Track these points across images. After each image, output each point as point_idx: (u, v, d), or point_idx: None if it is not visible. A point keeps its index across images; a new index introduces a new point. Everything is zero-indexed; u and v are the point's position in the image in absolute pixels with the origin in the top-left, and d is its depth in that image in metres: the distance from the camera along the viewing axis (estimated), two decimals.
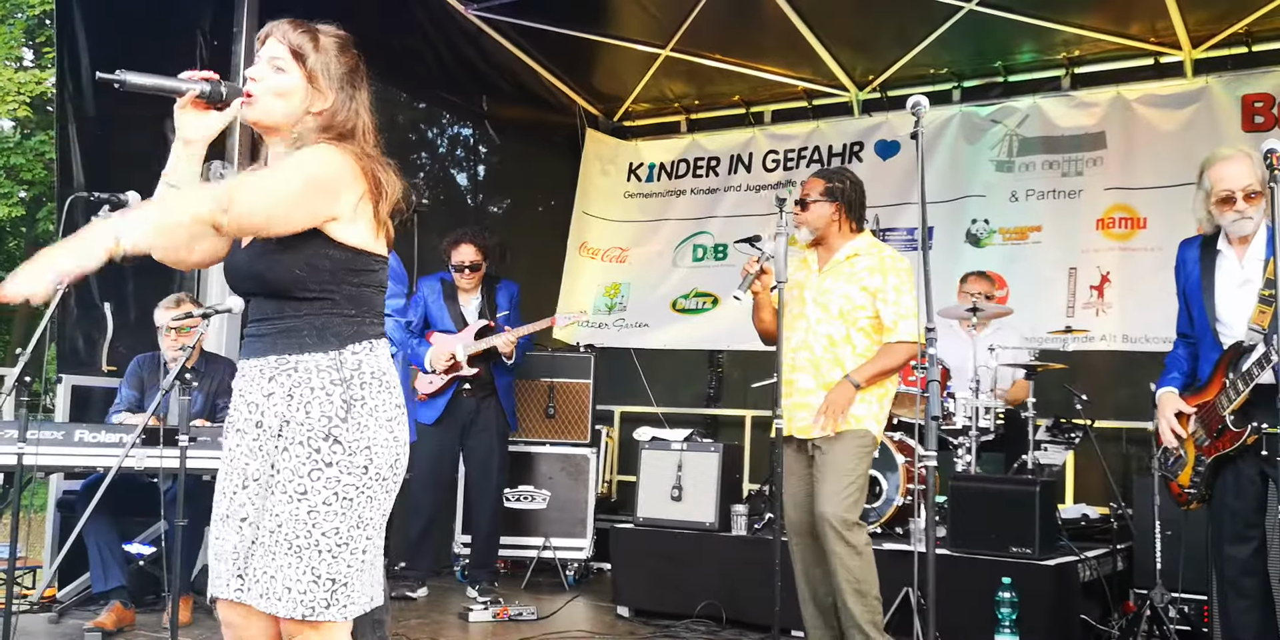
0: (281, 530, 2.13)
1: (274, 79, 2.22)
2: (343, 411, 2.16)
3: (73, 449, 4.22)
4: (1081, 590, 4.60)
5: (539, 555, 6.19)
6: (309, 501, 2.13)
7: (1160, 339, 6.31)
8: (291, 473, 2.15)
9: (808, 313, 4.03)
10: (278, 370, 2.19)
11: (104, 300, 5.38)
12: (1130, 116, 6.73)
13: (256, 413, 2.21)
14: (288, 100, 2.22)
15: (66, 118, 5.47)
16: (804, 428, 3.94)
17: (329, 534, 2.13)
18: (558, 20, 7.44)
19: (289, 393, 2.18)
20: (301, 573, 2.12)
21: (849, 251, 4.05)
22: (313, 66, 2.23)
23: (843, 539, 3.78)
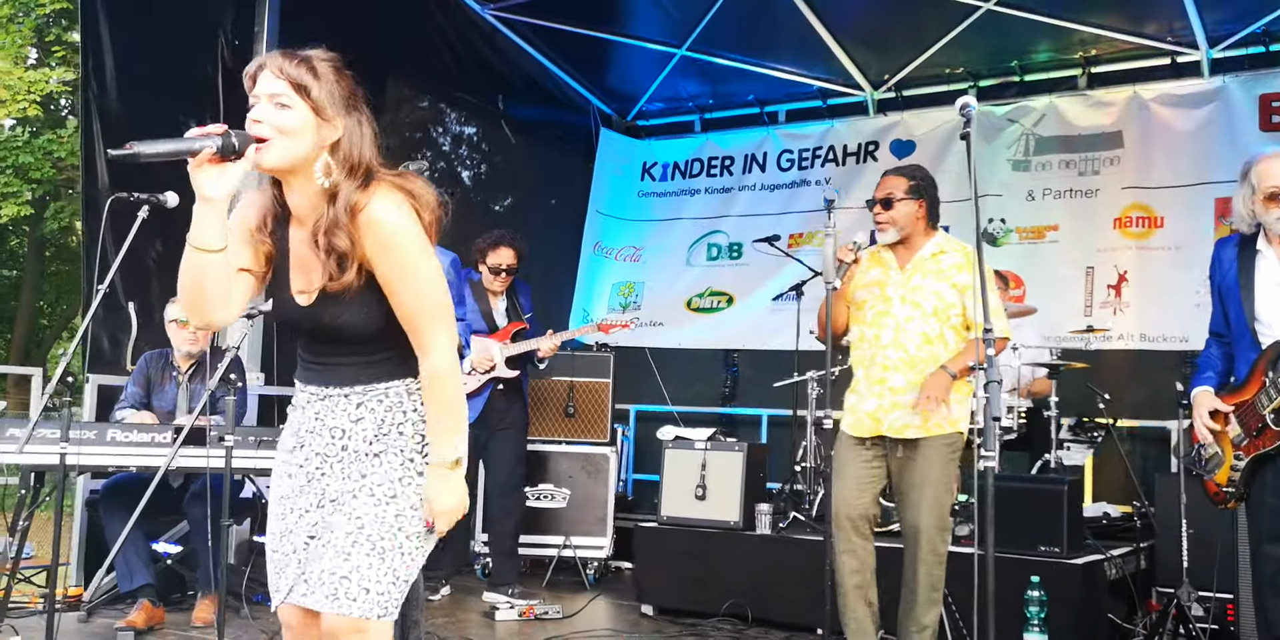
0: (363, 531, 2.17)
1: (280, 117, 2.09)
2: (423, 434, 2.27)
3: (106, 448, 4.22)
4: (1108, 588, 4.62)
5: (559, 554, 6.20)
6: (397, 505, 2.20)
7: (1177, 338, 6.37)
8: (383, 477, 2.22)
9: (895, 311, 3.97)
10: (366, 396, 2.26)
11: (129, 299, 5.38)
12: (1147, 116, 6.76)
13: (342, 438, 2.26)
14: (298, 138, 2.10)
15: (91, 116, 5.47)
16: (900, 427, 3.89)
17: (412, 537, 2.22)
18: (574, 20, 7.46)
19: (381, 418, 2.25)
20: (383, 574, 2.17)
21: (933, 248, 4.00)
22: (317, 97, 2.11)
23: (935, 549, 3.79)
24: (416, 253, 2.15)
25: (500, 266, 5.60)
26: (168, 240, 5.66)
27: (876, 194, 4.02)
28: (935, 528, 3.81)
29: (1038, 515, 4.50)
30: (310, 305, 2.21)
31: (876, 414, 3.93)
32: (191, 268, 2.10)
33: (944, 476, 3.85)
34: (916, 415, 3.85)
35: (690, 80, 8.10)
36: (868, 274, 4.07)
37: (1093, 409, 5.66)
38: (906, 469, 3.89)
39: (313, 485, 2.26)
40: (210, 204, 2.08)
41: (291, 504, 2.28)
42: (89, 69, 5.47)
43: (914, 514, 3.83)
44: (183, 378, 5.07)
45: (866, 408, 3.95)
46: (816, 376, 6.07)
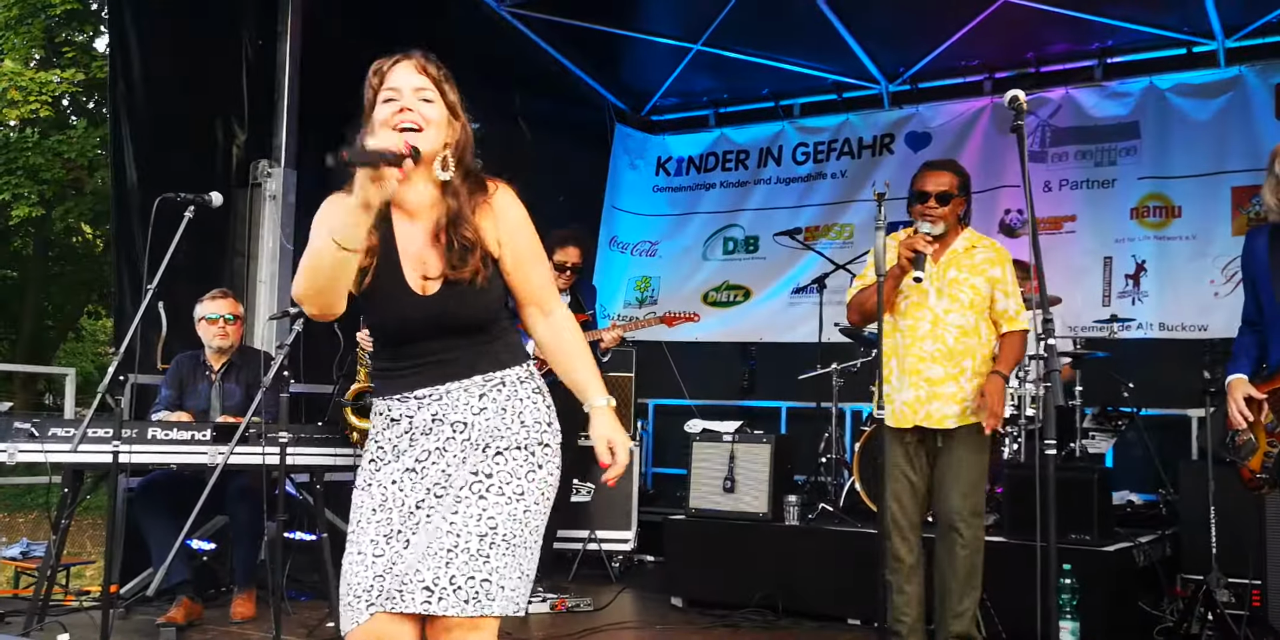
0: (498, 532, 2.18)
1: (426, 109, 2.22)
2: (548, 417, 2.34)
3: (149, 447, 4.27)
4: (1138, 575, 4.66)
5: (584, 548, 6.25)
6: (525, 502, 2.23)
7: (1196, 327, 6.41)
8: (509, 475, 2.24)
9: (931, 303, 4.01)
10: (487, 387, 2.30)
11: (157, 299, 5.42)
12: (1163, 106, 6.79)
13: (465, 431, 2.27)
14: (438, 131, 2.23)
15: (119, 116, 5.51)
16: (940, 418, 3.94)
17: (534, 531, 2.25)
18: (589, 16, 7.48)
19: (502, 406, 2.29)
20: (513, 570, 2.19)
21: (965, 243, 4.06)
22: (450, 98, 2.26)
23: (976, 535, 3.86)
24: (534, 233, 2.36)
25: (565, 264, 5.61)
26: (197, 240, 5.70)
27: (928, 187, 4.01)
28: (972, 514, 3.88)
29: (1069, 503, 4.54)
30: (434, 295, 2.25)
31: (914, 404, 3.97)
32: (332, 264, 2.13)
33: (979, 463, 3.92)
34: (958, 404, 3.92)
35: (705, 75, 8.12)
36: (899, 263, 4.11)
37: (1115, 398, 5.71)
38: (942, 456, 3.95)
39: (427, 480, 2.24)
40: (369, 210, 2.10)
41: (401, 504, 2.23)
42: (117, 70, 5.51)
43: (951, 500, 3.89)
44: (215, 377, 5.11)
45: (904, 398, 4.00)
46: (840, 368, 6.11)
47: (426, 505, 2.24)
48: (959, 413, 3.93)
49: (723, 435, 5.53)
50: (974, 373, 3.95)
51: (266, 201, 6.01)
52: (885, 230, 3.83)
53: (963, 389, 3.94)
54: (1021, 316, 4.05)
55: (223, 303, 5.10)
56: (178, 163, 5.70)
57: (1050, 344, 2.38)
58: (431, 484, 2.25)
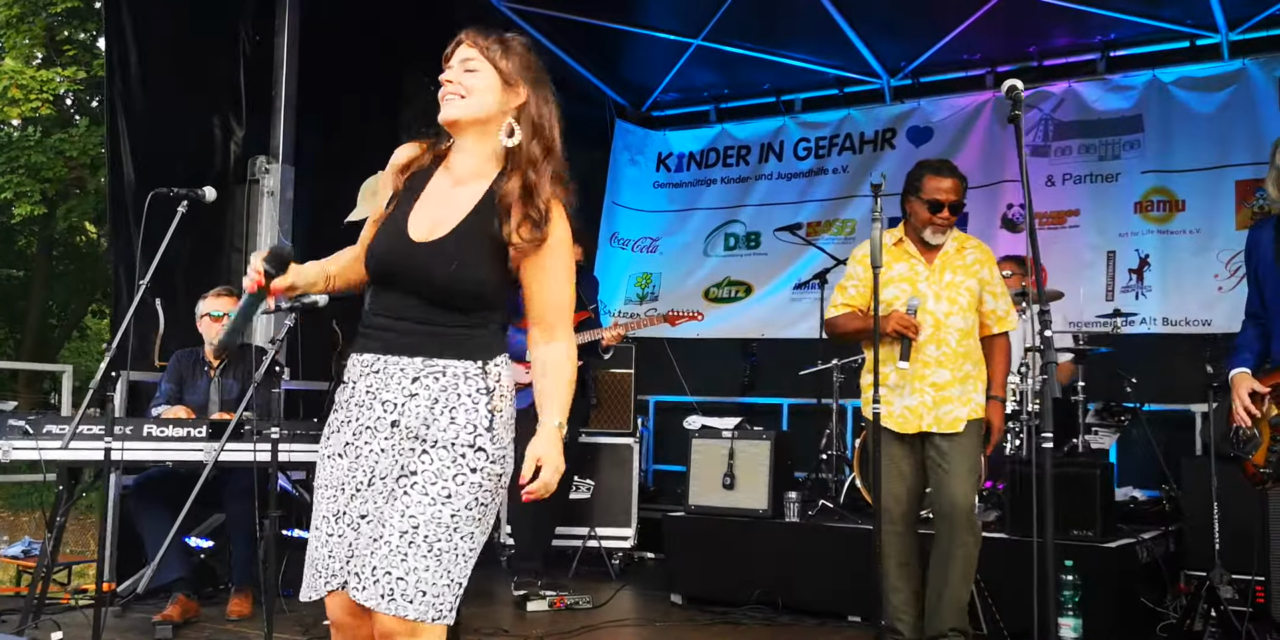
0: (418, 532, 2.13)
1: (468, 79, 2.27)
2: (487, 421, 2.23)
3: (144, 444, 4.24)
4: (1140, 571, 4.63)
5: (584, 545, 6.22)
6: (452, 505, 2.16)
7: (1200, 322, 6.37)
8: (435, 475, 2.16)
9: (930, 307, 3.98)
10: (423, 372, 2.22)
11: (154, 296, 5.39)
12: (1167, 99, 6.75)
13: (394, 412, 2.22)
14: (481, 96, 2.26)
15: (116, 113, 5.48)
16: (953, 422, 3.93)
17: (466, 538, 2.17)
18: (588, 11, 7.45)
19: (434, 397, 2.21)
20: (439, 576, 2.13)
21: (955, 245, 4.06)
22: (502, 65, 2.28)
23: (974, 528, 3.88)
24: (572, 258, 2.36)
25: None
26: (194, 236, 5.68)
27: (941, 196, 3.98)
28: (972, 508, 3.90)
29: (1071, 499, 4.51)
30: (427, 241, 2.24)
31: (919, 410, 3.95)
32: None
33: (977, 457, 3.95)
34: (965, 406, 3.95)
35: (705, 70, 8.08)
36: (893, 268, 4.08)
37: (1119, 393, 5.67)
38: (944, 453, 3.94)
39: (361, 462, 2.22)
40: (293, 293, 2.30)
41: (343, 484, 2.23)
42: (113, 66, 5.48)
43: (952, 497, 3.88)
44: (214, 373, 5.09)
45: (907, 403, 3.97)
46: (841, 364, 6.08)
47: (361, 493, 2.22)
48: (966, 414, 3.95)
49: (722, 432, 5.50)
50: (976, 375, 4.01)
51: (264, 197, 5.98)
52: (884, 223, 3.80)
53: (967, 391, 3.96)
54: (1010, 316, 4.08)
55: (226, 300, 5.07)
56: (175, 159, 5.67)
57: (1047, 336, 2.34)
58: (368, 466, 2.22)
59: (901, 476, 3.99)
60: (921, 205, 4.01)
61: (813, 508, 5.40)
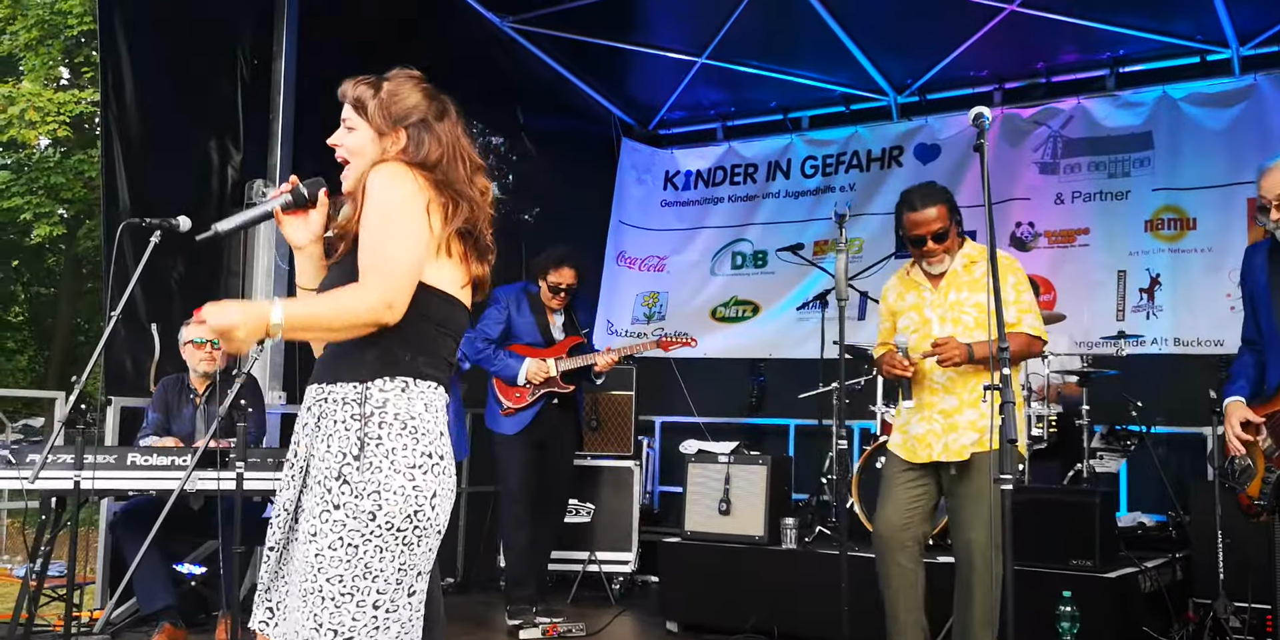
0: (294, 570, 2.11)
1: (348, 140, 2.26)
2: (356, 448, 2.07)
3: (125, 473, 4.21)
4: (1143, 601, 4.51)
5: (584, 569, 6.15)
6: (317, 544, 2.06)
7: (1212, 342, 6.23)
8: (308, 513, 2.10)
9: (935, 332, 3.87)
10: (314, 400, 2.18)
11: (151, 320, 5.39)
12: (1177, 116, 6.63)
13: (296, 444, 2.21)
14: (363, 157, 2.24)
15: (111, 138, 5.48)
16: (959, 450, 3.78)
17: (332, 581, 2.04)
18: (593, 31, 7.43)
19: (318, 424, 2.15)
20: (306, 618, 2.04)
21: (963, 261, 3.92)
22: (373, 116, 2.23)
23: (991, 569, 3.66)
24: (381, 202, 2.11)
25: (560, 285, 5.52)
26: (189, 262, 5.68)
27: (918, 231, 3.88)
28: (991, 545, 3.67)
29: (1069, 528, 4.41)
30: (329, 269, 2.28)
31: (927, 439, 3.85)
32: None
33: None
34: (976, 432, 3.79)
35: (711, 88, 8.04)
36: (905, 299, 4.01)
37: (1125, 416, 5.55)
38: (959, 484, 3.78)
39: (280, 496, 2.23)
40: (300, 251, 2.30)
41: (275, 515, 2.24)
42: (109, 90, 5.48)
43: (968, 530, 3.72)
44: (199, 400, 5.06)
45: (916, 431, 3.88)
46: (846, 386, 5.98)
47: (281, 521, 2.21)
48: (977, 440, 3.77)
49: (718, 456, 5.43)
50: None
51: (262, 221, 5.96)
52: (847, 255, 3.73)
53: (984, 414, 3.75)
54: (1024, 322, 3.83)
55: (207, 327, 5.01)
56: (172, 183, 5.67)
57: (1005, 373, 2.26)
58: (286, 498, 2.20)
59: (898, 503, 3.86)
60: (908, 243, 3.95)
61: (810, 534, 5.30)
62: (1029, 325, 3.84)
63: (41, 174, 12.91)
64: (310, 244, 2.27)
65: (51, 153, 13.38)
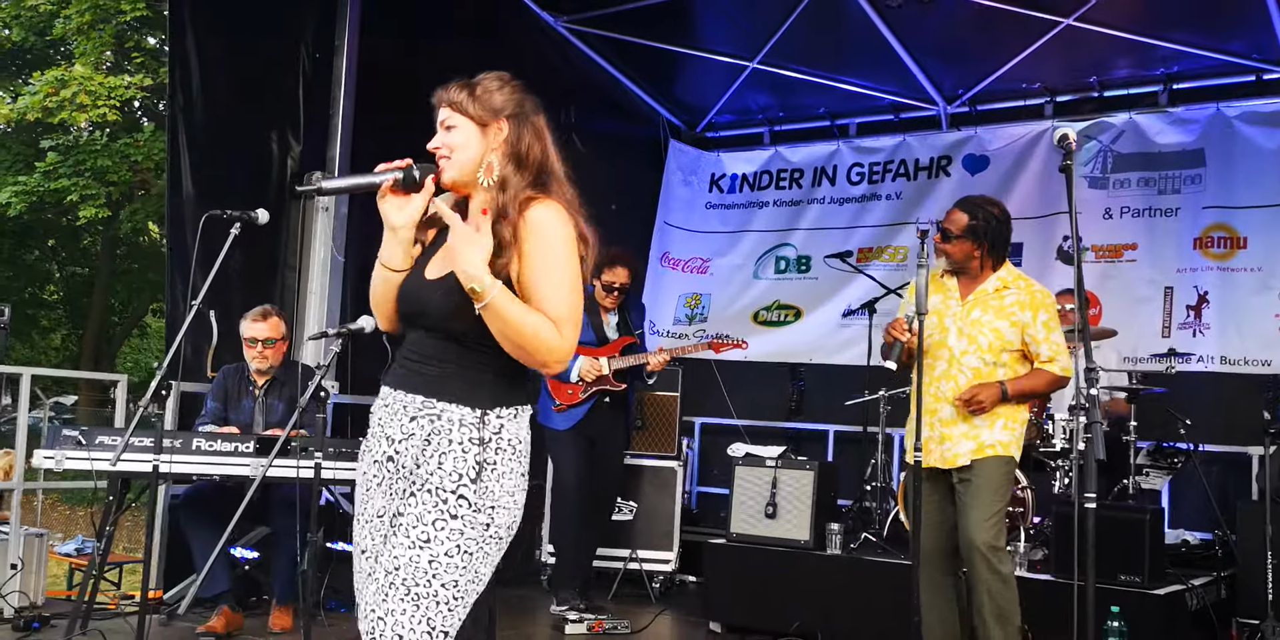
0: (399, 573, 2.14)
1: (450, 137, 2.29)
2: (474, 472, 2.17)
3: (192, 457, 4.31)
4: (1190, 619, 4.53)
5: (625, 567, 6.21)
6: (431, 550, 2.14)
7: (1260, 361, 6.25)
8: (417, 519, 2.16)
9: (950, 342, 3.97)
10: (421, 412, 2.23)
11: (209, 308, 5.47)
12: (1230, 134, 6.63)
13: (391, 447, 2.24)
14: (464, 152, 2.27)
15: (177, 128, 5.58)
16: (953, 458, 3.90)
17: (448, 586, 2.14)
18: (645, 32, 7.48)
19: (426, 438, 2.21)
20: (417, 621, 2.13)
21: (996, 284, 3.99)
22: (473, 111, 2.28)
23: (992, 567, 3.76)
24: (565, 260, 2.21)
25: (614, 284, 5.59)
26: (248, 251, 5.76)
27: (943, 221, 4.04)
28: (989, 545, 3.77)
29: (1119, 543, 4.43)
30: (434, 280, 2.26)
31: (928, 444, 3.93)
32: (378, 281, 2.33)
33: (998, 496, 3.84)
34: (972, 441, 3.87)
35: (761, 92, 8.08)
36: (931, 301, 4.05)
37: (1172, 433, 5.57)
38: (964, 491, 3.89)
39: (370, 495, 2.28)
40: (394, 231, 2.28)
41: (363, 515, 2.29)
42: (176, 81, 5.58)
43: (967, 532, 3.82)
44: (259, 392, 5.14)
45: (924, 435, 3.94)
46: (888, 395, 6.03)
47: (362, 525, 2.27)
48: (974, 448, 3.88)
49: (766, 461, 5.47)
50: (1002, 412, 3.91)
51: (319, 214, 6.05)
52: (928, 269, 3.77)
53: (976, 427, 3.90)
54: (1056, 363, 3.92)
55: (263, 326, 5.05)
56: (233, 174, 5.76)
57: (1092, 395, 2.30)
58: (367, 499, 2.27)
59: (931, 518, 3.93)
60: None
61: (855, 540, 5.35)
62: (1060, 366, 3.94)
63: (88, 157, 13.05)
64: (404, 227, 2.27)
65: (99, 136, 13.51)
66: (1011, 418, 3.94)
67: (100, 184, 13.08)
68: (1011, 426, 3.92)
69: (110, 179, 13.17)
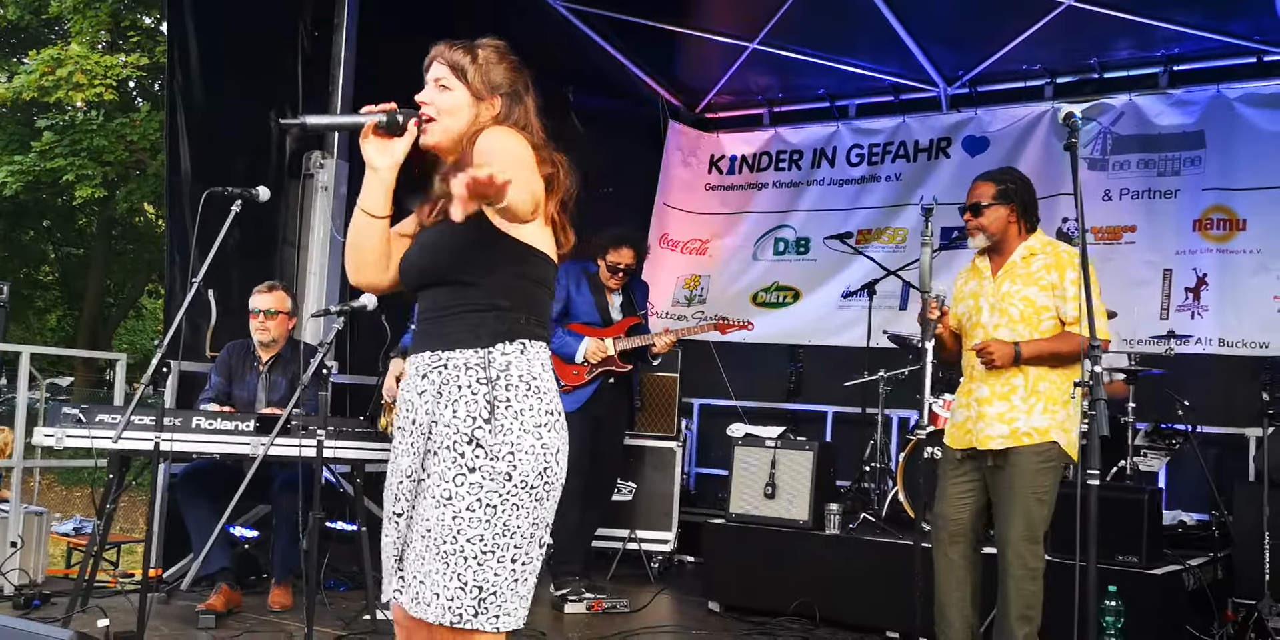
0: (431, 535, 2.15)
1: (441, 98, 2.28)
2: (486, 412, 2.15)
3: (192, 436, 4.31)
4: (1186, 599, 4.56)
5: (624, 547, 6.23)
6: (454, 507, 2.14)
7: (1258, 344, 6.26)
8: (439, 477, 2.17)
9: (984, 320, 3.91)
10: (430, 367, 2.23)
11: (208, 287, 5.46)
12: (1231, 116, 6.61)
13: (413, 411, 2.24)
14: (457, 117, 2.28)
15: (176, 107, 5.56)
16: (985, 439, 3.80)
17: (474, 541, 2.13)
18: (645, 12, 7.44)
19: (438, 390, 2.20)
20: (449, 579, 2.13)
21: (1024, 252, 3.91)
22: (473, 80, 2.29)
23: (1024, 563, 3.70)
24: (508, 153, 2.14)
25: (619, 265, 5.57)
26: (248, 230, 5.74)
27: (967, 200, 3.96)
28: (1023, 540, 3.71)
29: (1116, 524, 4.43)
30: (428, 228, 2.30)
31: (965, 425, 3.89)
32: (355, 230, 2.32)
33: (1033, 487, 3.72)
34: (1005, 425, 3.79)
35: (760, 73, 8.04)
36: (965, 286, 4.05)
37: (1170, 415, 5.58)
38: (997, 480, 3.81)
39: (399, 462, 2.28)
40: (375, 174, 2.26)
41: (390, 483, 2.29)
42: (174, 60, 5.56)
43: (1002, 526, 3.77)
44: (263, 368, 5.14)
45: (957, 419, 3.93)
46: (888, 376, 6.04)
47: (399, 491, 2.26)
48: (1007, 433, 3.77)
49: (765, 441, 5.49)
50: (1029, 391, 3.79)
51: (318, 193, 6.04)
52: (932, 247, 3.75)
53: (1014, 408, 3.78)
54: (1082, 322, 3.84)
55: (268, 297, 5.11)
56: (231, 152, 5.75)
57: (1096, 372, 2.30)
58: (401, 466, 2.27)
59: (952, 498, 3.89)
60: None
61: (854, 520, 5.37)
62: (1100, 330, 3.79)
63: (84, 136, 13.00)
64: (386, 169, 2.26)
65: (95, 115, 13.46)
66: (1052, 400, 3.78)
67: (96, 164, 13.04)
68: (1053, 409, 3.77)
69: (106, 159, 13.13)
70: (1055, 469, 3.76)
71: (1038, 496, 3.73)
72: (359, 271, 2.36)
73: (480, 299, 2.21)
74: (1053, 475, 3.76)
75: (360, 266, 2.34)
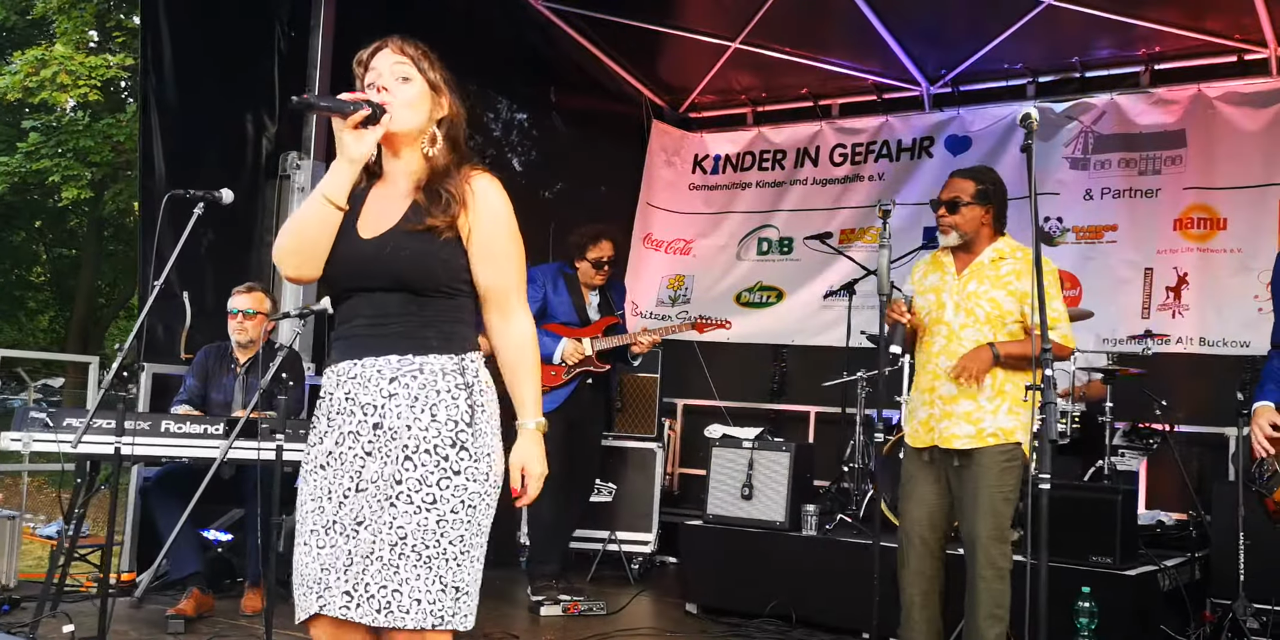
0: (407, 542, 2.13)
1: (404, 90, 2.27)
2: (468, 416, 2.21)
3: (162, 440, 4.29)
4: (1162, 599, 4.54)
5: (604, 548, 6.21)
6: (438, 510, 2.15)
7: (1238, 343, 6.25)
8: (419, 483, 2.16)
9: (947, 318, 3.87)
10: (400, 371, 2.20)
11: (182, 289, 5.44)
12: (1211, 115, 6.60)
13: (374, 415, 2.19)
14: (416, 110, 2.28)
15: (149, 107, 5.53)
16: (948, 438, 3.78)
17: (455, 542, 2.16)
18: (627, 12, 7.44)
19: (414, 395, 2.19)
20: (430, 582, 2.12)
21: (993, 254, 3.87)
22: (431, 76, 2.30)
23: (992, 562, 3.67)
24: (514, 229, 2.32)
25: (602, 259, 5.54)
26: (220, 230, 5.73)
27: (942, 195, 3.90)
28: (990, 539, 3.68)
29: (1090, 524, 4.43)
30: (375, 238, 2.25)
31: (929, 423, 3.87)
32: (312, 219, 2.24)
33: (999, 485, 3.71)
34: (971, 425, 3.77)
35: (743, 72, 8.04)
36: (926, 279, 4.01)
37: (1149, 414, 5.57)
38: (963, 479, 3.78)
39: (345, 468, 2.19)
40: (352, 164, 2.23)
41: (329, 493, 2.20)
42: (148, 60, 5.53)
43: (969, 525, 3.74)
44: (240, 370, 5.12)
45: (919, 417, 3.90)
46: (866, 376, 6.02)
47: (350, 499, 2.19)
48: (973, 433, 3.75)
49: (742, 442, 5.46)
50: (995, 391, 3.77)
51: (294, 193, 6.01)
52: (890, 249, 3.73)
53: (980, 408, 3.76)
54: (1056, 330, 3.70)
55: (246, 298, 5.09)
56: (207, 154, 5.73)
57: (1048, 375, 2.28)
58: (353, 472, 2.20)
59: (920, 498, 3.86)
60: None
61: (831, 521, 5.35)
62: (1060, 333, 3.76)
63: (70, 137, 12.97)
64: (360, 161, 2.23)
65: (81, 115, 13.43)
66: (1016, 401, 3.76)
67: (82, 165, 13.00)
68: (1016, 410, 3.75)
69: (93, 160, 13.10)
70: (1018, 469, 3.76)
71: (1004, 495, 3.72)
72: (307, 263, 2.25)
73: (454, 311, 2.28)
74: (1016, 474, 3.75)
75: (309, 258, 2.25)
